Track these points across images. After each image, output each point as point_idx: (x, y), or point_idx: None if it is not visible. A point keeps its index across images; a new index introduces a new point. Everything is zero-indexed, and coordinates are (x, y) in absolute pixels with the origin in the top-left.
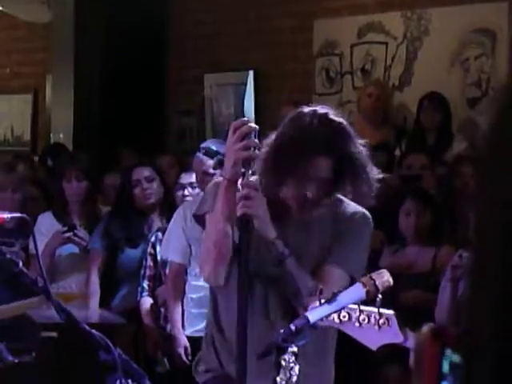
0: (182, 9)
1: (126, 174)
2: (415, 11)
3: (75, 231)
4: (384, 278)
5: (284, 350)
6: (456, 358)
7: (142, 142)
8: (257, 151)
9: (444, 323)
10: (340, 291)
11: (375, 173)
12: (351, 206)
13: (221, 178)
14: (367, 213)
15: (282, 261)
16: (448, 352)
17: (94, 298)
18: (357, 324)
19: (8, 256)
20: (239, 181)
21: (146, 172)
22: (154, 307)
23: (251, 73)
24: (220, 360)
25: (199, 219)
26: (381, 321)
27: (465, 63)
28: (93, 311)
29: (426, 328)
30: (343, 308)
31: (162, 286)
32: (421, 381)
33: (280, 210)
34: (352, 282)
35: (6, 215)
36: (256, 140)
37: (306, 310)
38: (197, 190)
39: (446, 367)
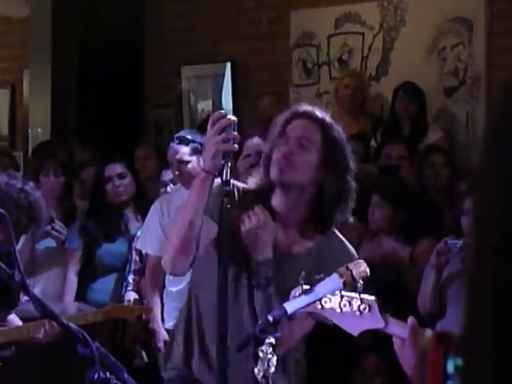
0: (160, 2)
1: (99, 170)
2: (391, 1)
3: (53, 224)
4: (361, 268)
5: (261, 341)
6: (459, 361)
7: (120, 135)
8: (235, 144)
9: (426, 310)
10: (317, 281)
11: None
12: (339, 244)
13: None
14: (353, 250)
15: (264, 285)
16: (453, 354)
17: (70, 295)
18: (338, 310)
19: None
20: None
21: (118, 169)
22: (138, 302)
23: (228, 65)
24: (188, 359)
25: None
26: (362, 306)
27: (442, 52)
28: (70, 304)
29: (429, 332)
30: (320, 299)
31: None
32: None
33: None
34: None
35: None
36: (235, 133)
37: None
38: (178, 185)
39: (451, 369)
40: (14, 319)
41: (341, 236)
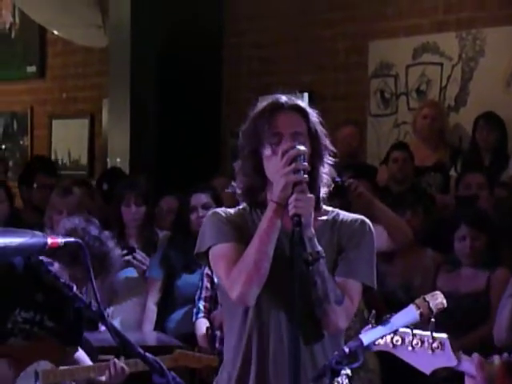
0: (238, 31)
1: (184, 199)
2: (470, 31)
3: (134, 254)
4: (438, 299)
5: (337, 373)
6: None
7: (198, 164)
8: (306, 175)
9: (502, 342)
10: (393, 313)
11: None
12: (348, 216)
13: (213, 211)
14: (365, 218)
15: (317, 259)
16: None
17: (149, 324)
18: (410, 348)
19: (62, 280)
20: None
21: (204, 198)
22: (210, 330)
23: (306, 95)
24: None
25: (202, 256)
26: (434, 344)
27: None
28: (149, 334)
29: (497, 360)
30: (397, 330)
31: (218, 307)
32: None
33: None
34: (365, 289)
35: (60, 240)
36: (305, 163)
37: (328, 317)
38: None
39: None
40: (81, 357)
41: (341, 211)
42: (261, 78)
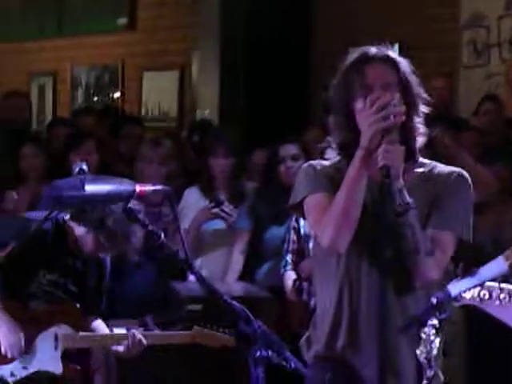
0: None
1: (273, 150)
2: None
3: (222, 207)
4: None
5: (424, 323)
6: None
7: (288, 116)
8: (400, 118)
9: None
10: (482, 265)
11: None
12: (444, 168)
13: (307, 163)
14: (462, 171)
15: (406, 210)
16: None
17: (233, 274)
18: (497, 302)
19: (150, 228)
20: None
21: (293, 149)
22: (298, 282)
23: (396, 46)
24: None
25: (296, 208)
26: None
27: None
28: (234, 285)
29: None
30: (485, 282)
31: (305, 260)
32: None
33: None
34: (461, 242)
35: (148, 187)
36: (397, 108)
37: (419, 269)
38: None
39: None
40: (97, 327)
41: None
42: (351, 29)
